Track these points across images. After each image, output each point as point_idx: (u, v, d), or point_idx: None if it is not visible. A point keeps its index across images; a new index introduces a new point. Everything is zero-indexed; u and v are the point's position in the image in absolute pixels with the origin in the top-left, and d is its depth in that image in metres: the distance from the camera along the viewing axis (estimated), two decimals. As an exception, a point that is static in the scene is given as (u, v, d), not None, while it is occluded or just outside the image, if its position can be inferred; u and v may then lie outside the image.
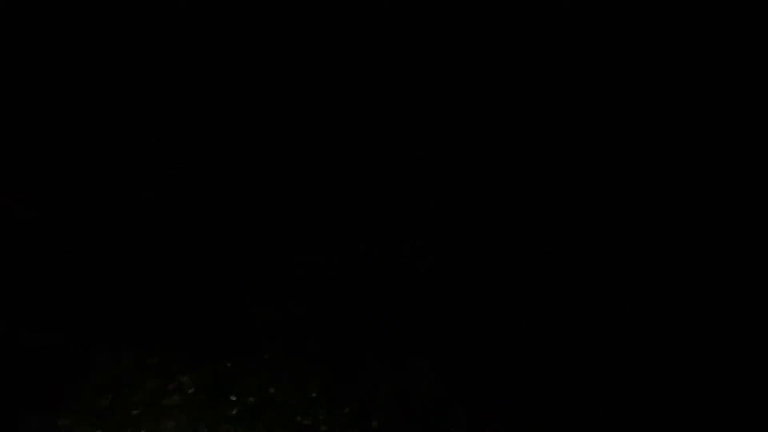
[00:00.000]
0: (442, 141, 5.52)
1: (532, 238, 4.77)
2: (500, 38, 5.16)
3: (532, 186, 5.24)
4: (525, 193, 5.20)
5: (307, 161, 5.12)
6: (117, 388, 3.10)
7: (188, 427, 2.72)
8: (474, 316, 3.86)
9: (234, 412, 2.78)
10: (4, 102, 4.33)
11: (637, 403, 3.06)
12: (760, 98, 4.67)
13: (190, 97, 4.94)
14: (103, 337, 3.47)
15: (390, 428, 2.80)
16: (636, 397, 3.10)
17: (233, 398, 2.87)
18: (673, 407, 3.03)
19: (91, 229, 4.16)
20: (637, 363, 3.34)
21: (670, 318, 3.80)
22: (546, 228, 4.86)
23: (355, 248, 4.62)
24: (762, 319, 3.73)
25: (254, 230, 4.59)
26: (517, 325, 3.74)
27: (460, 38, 5.21)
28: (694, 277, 4.22)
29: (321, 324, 3.62)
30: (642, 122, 5.09)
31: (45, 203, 4.32)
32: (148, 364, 3.27)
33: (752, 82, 4.70)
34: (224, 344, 3.34)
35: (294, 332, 3.44)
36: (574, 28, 5.11)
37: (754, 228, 4.46)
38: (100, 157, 4.64)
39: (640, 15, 4.95)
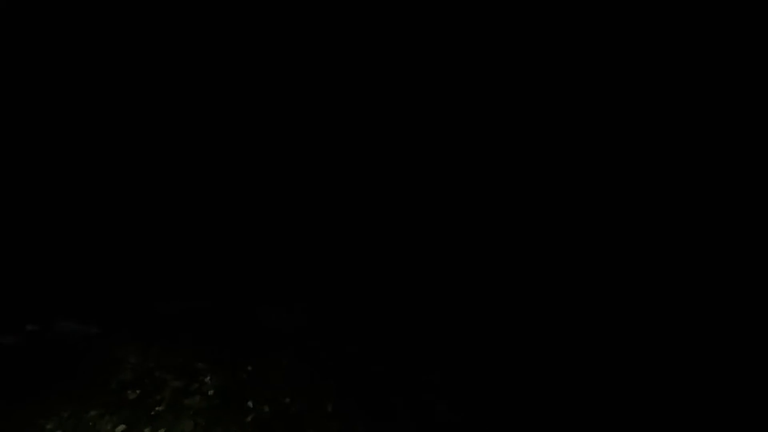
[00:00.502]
0: (442, 142, 5.37)
1: (532, 239, 4.63)
2: (494, 38, 4.96)
3: (532, 186, 5.05)
4: (525, 193, 5.01)
5: (323, 170, 5.07)
6: (144, 383, 3.22)
7: (205, 431, 2.78)
8: (483, 327, 3.77)
9: (249, 419, 2.82)
10: (5, 102, 4.41)
11: (638, 403, 2.97)
12: (760, 98, 4.45)
13: (188, 97, 4.93)
14: (136, 334, 3.61)
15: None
16: (637, 397, 3.01)
17: (250, 404, 2.92)
18: (673, 407, 2.93)
19: (125, 232, 4.32)
20: (638, 363, 3.27)
21: (670, 318, 3.73)
22: (546, 229, 4.71)
23: (375, 255, 4.60)
24: (762, 319, 3.64)
25: (276, 238, 4.63)
26: (531, 342, 3.64)
27: (449, 38, 5.02)
28: (694, 277, 4.11)
29: (340, 335, 3.62)
30: (642, 122, 4.86)
31: (79, 205, 4.48)
32: (175, 362, 3.38)
33: (752, 82, 4.47)
34: (247, 347, 3.40)
35: (313, 341, 3.46)
36: (573, 28, 4.88)
37: (754, 228, 4.28)
38: (113, 159, 4.71)
39: (640, 15, 4.71)
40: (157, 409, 3.00)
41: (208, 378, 3.15)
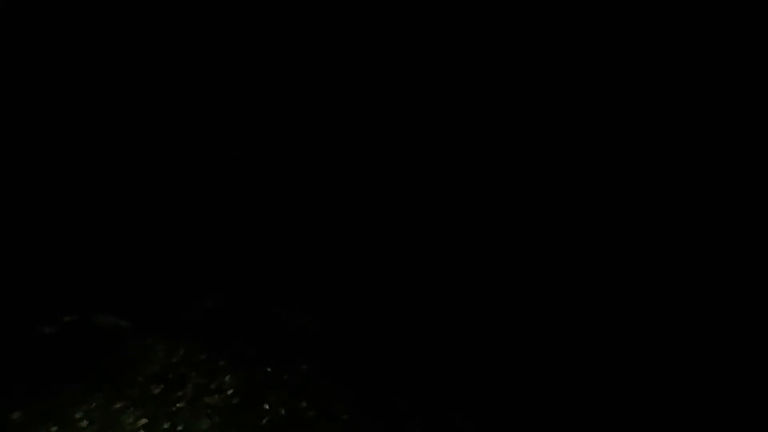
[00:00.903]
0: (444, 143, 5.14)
1: (532, 245, 4.42)
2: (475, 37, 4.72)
3: (531, 189, 4.79)
4: (525, 197, 4.75)
5: (346, 177, 4.95)
6: (168, 379, 3.27)
7: (220, 429, 2.78)
8: (505, 336, 3.62)
9: (264, 421, 2.79)
10: (9, 102, 4.47)
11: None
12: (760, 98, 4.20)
13: (203, 95, 4.90)
14: (165, 329, 3.68)
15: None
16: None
17: (266, 407, 2.89)
18: (673, 407, 2.76)
19: (160, 229, 4.43)
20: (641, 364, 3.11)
21: (669, 318, 3.65)
22: (545, 232, 4.49)
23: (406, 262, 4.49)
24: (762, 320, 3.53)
25: (306, 241, 4.59)
26: (552, 351, 3.47)
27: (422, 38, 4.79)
28: (693, 277, 3.97)
29: (364, 343, 3.54)
30: (637, 122, 4.58)
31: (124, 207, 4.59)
32: (199, 359, 3.42)
33: (752, 82, 4.22)
34: (268, 349, 3.39)
35: (335, 347, 3.40)
36: (565, 27, 4.62)
37: (754, 228, 4.07)
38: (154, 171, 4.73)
39: (639, 15, 4.43)
40: (177, 405, 3.03)
41: (228, 377, 3.15)
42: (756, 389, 3.01)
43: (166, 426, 2.90)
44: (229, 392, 3.04)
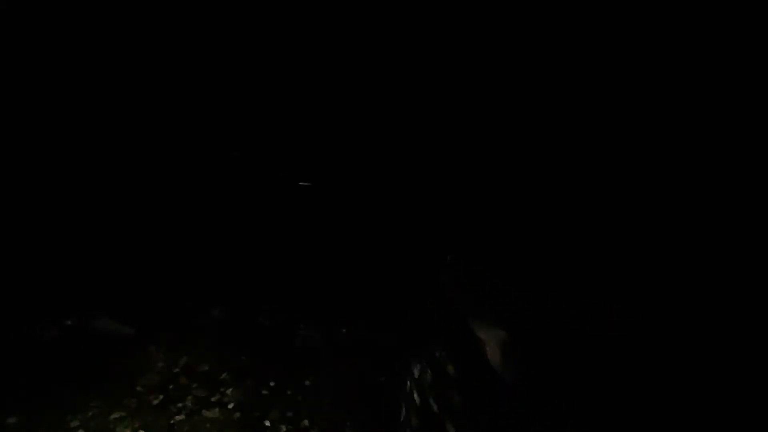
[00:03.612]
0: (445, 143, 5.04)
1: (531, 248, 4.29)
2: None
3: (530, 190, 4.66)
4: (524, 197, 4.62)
5: (353, 180, 4.86)
6: (168, 389, 3.18)
7: (219, 446, 2.69)
8: None
9: (264, 439, 2.70)
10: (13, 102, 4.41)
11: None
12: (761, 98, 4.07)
13: (211, 101, 4.86)
14: (167, 338, 3.60)
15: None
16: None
17: (267, 423, 2.79)
18: (672, 407, 2.62)
19: (167, 236, 4.37)
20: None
21: (668, 317, 3.41)
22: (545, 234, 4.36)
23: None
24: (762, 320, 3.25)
25: (325, 257, 4.52)
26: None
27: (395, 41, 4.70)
28: (692, 277, 3.74)
29: (371, 359, 3.44)
30: (633, 121, 4.46)
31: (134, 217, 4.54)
32: (201, 370, 3.33)
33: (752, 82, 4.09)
34: (274, 363, 3.30)
35: (341, 362, 3.30)
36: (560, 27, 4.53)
37: (754, 228, 3.86)
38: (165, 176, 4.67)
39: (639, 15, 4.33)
40: (176, 417, 2.94)
41: (230, 390, 3.06)
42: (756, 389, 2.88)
43: (163, 439, 2.81)
44: (230, 406, 2.95)
